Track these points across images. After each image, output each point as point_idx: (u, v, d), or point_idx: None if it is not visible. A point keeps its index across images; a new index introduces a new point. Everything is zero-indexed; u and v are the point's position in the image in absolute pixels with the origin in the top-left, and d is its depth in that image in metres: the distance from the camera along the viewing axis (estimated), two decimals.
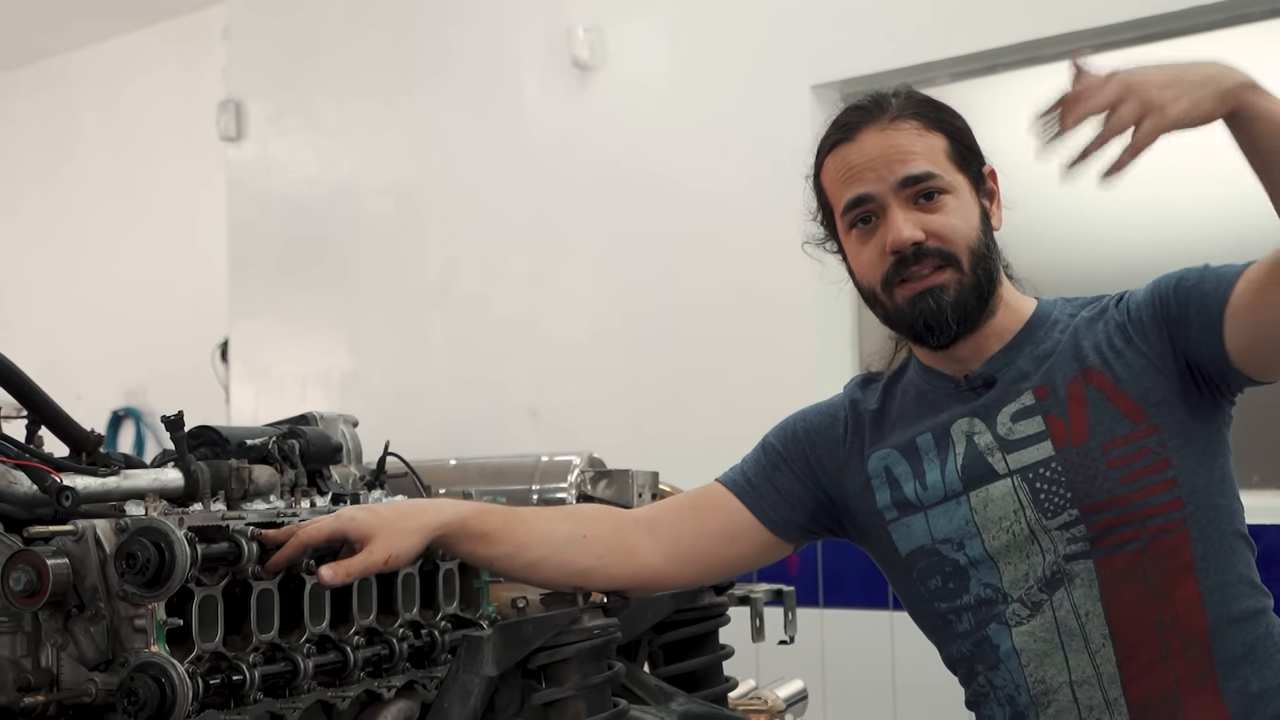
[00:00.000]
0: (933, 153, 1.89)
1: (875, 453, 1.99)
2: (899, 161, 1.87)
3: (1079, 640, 1.84)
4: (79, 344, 7.50)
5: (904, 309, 1.89)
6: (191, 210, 7.12)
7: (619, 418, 4.78)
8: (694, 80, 4.80)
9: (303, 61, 5.96)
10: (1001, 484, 1.88)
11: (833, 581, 4.31)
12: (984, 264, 1.89)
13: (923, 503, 1.93)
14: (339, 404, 5.37)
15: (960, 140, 1.92)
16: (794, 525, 2.04)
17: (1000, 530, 1.87)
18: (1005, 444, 1.88)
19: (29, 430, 1.86)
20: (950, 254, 1.87)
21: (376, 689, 1.83)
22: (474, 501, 2.00)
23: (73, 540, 1.57)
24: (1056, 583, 1.85)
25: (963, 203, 1.89)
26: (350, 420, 2.41)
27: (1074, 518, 1.83)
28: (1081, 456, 1.84)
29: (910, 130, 1.89)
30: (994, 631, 1.89)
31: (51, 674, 1.58)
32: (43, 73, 8.10)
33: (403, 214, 5.59)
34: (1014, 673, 1.89)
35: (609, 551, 1.95)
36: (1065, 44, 4.16)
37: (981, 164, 1.95)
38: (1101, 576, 1.83)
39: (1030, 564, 1.86)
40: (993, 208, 1.96)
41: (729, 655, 2.28)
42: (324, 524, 1.74)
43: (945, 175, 1.88)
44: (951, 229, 1.87)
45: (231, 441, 1.99)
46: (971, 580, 1.90)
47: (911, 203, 1.87)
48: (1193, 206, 4.06)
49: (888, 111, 1.90)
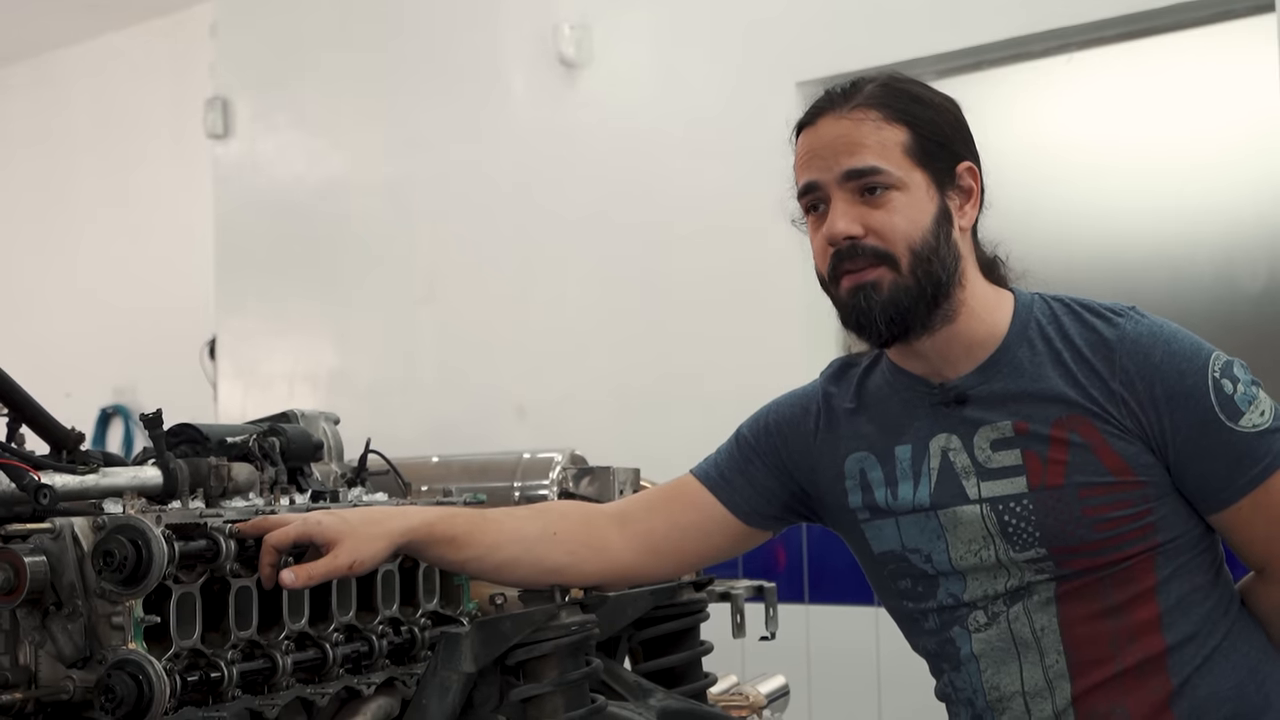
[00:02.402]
0: (886, 147, 1.83)
1: (852, 454, 1.98)
2: (846, 153, 1.83)
3: (1034, 652, 1.84)
4: (68, 341, 7.49)
5: (844, 301, 1.85)
6: (179, 207, 7.10)
7: (606, 415, 4.79)
8: (680, 77, 4.81)
9: (290, 59, 5.96)
10: (970, 509, 1.86)
11: (818, 577, 4.31)
12: (928, 266, 1.82)
13: (893, 509, 1.92)
14: (326, 401, 5.37)
15: (928, 134, 1.85)
16: (768, 516, 2.04)
17: (969, 552, 1.87)
18: (981, 470, 1.86)
19: (9, 428, 1.86)
20: (885, 253, 1.82)
21: (356, 686, 1.83)
22: (443, 506, 1.98)
23: (50, 538, 1.57)
24: (1016, 597, 1.85)
25: (912, 200, 1.83)
26: (332, 418, 2.41)
27: (1042, 555, 1.82)
28: (1055, 500, 1.80)
29: (868, 121, 1.84)
30: (957, 634, 1.90)
31: (29, 671, 1.58)
32: (30, 70, 8.08)
33: (390, 211, 5.59)
34: (973, 676, 1.89)
35: (580, 548, 1.95)
36: (1052, 40, 4.17)
37: (956, 160, 1.88)
38: (1059, 595, 1.83)
39: (994, 583, 1.86)
40: (964, 206, 1.88)
41: (708, 651, 2.28)
42: (291, 528, 1.73)
43: (895, 171, 1.82)
44: (891, 227, 1.81)
45: (212, 439, 1.99)
46: (939, 589, 1.91)
47: (857, 195, 1.83)
48: (1181, 199, 4.07)
49: (852, 100, 1.86)
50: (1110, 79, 4.17)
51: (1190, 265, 4.02)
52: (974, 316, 1.88)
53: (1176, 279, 4.04)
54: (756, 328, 4.53)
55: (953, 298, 1.86)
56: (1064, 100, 4.24)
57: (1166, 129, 4.12)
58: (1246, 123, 3.96)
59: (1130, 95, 4.16)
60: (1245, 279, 3.96)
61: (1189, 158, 4.07)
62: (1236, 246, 3.97)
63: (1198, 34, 4.01)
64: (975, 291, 1.89)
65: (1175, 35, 4.04)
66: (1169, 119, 4.11)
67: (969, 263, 1.90)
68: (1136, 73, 4.14)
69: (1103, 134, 4.20)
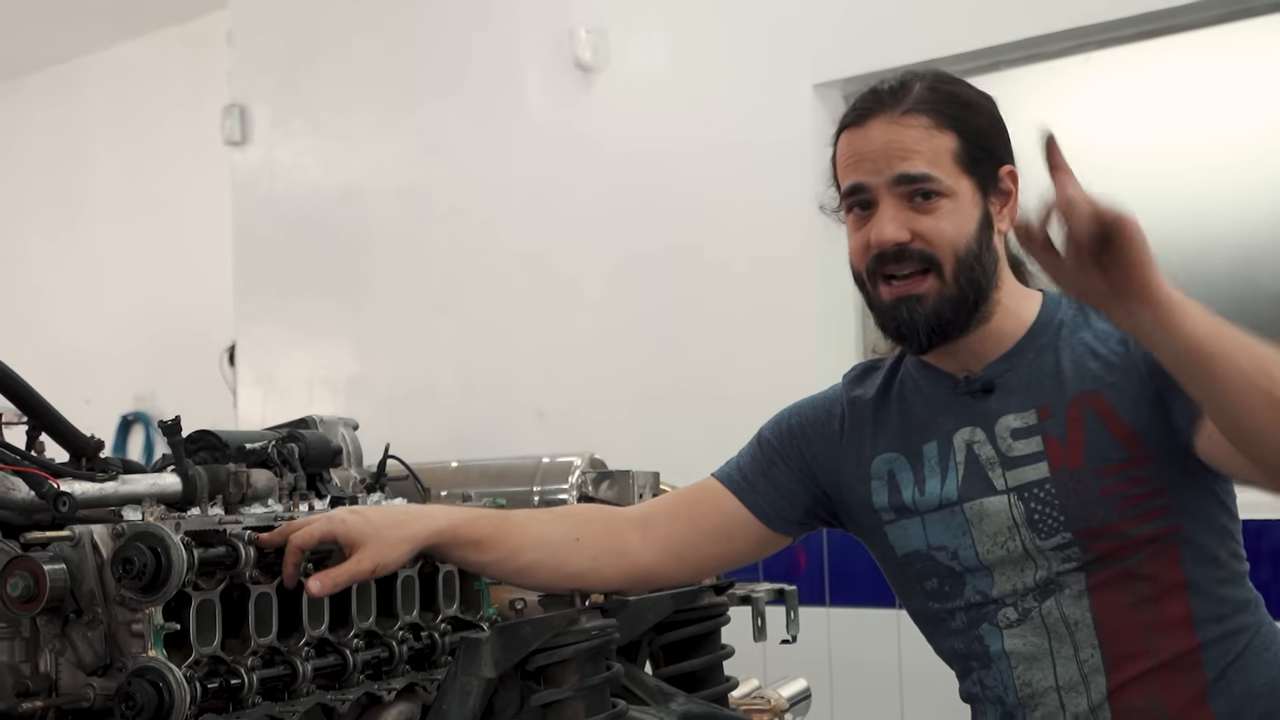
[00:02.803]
0: (937, 154, 1.84)
1: (880, 455, 1.98)
2: (899, 158, 1.84)
3: (1068, 647, 1.85)
4: (88, 348, 7.52)
5: (884, 307, 1.87)
6: (198, 214, 7.13)
7: (625, 418, 4.78)
8: (696, 80, 4.80)
9: (307, 66, 5.97)
10: (998, 500, 1.86)
11: (839, 580, 4.30)
12: (970, 273, 1.84)
13: (919, 508, 1.92)
14: (345, 407, 5.38)
15: (975, 140, 1.87)
16: (790, 520, 2.04)
17: (995, 545, 1.87)
18: (1005, 460, 1.87)
19: (29, 436, 1.86)
20: (933, 258, 1.83)
21: (376, 691, 1.83)
22: (467, 507, 1.99)
23: (70, 546, 1.57)
24: (1047, 591, 1.85)
25: (959, 207, 1.84)
26: (351, 423, 2.41)
27: (1067, 540, 1.83)
28: (1075, 480, 1.82)
29: (918, 127, 1.85)
30: (986, 632, 1.90)
31: (50, 679, 1.59)
32: (49, 78, 8.12)
33: (407, 216, 5.59)
34: (1003, 674, 1.89)
35: (603, 553, 1.95)
36: (1068, 40, 4.16)
37: (999, 165, 1.89)
38: (1091, 587, 1.83)
39: (1023, 577, 1.86)
40: (1004, 210, 1.90)
41: (729, 655, 2.28)
42: (315, 527, 1.73)
43: (945, 179, 1.83)
44: (939, 234, 1.83)
45: (231, 446, 2.00)
46: (966, 586, 1.91)
47: (906, 200, 1.84)
48: (1198, 198, 4.05)
49: (902, 103, 1.86)
50: (1127, 79, 4.16)
51: (1207, 264, 4.00)
52: (1006, 314, 1.91)
53: (1194, 278, 4.01)
54: (775, 330, 4.53)
55: (990, 300, 1.89)
56: (1080, 100, 4.22)
57: (1183, 128, 4.10)
58: (1264, 121, 3.94)
59: (1147, 95, 4.15)
60: (1264, 278, 3.94)
61: (1206, 157, 4.05)
62: (1254, 245, 3.95)
63: (1215, 33, 3.99)
64: (1008, 290, 1.92)
65: (1192, 34, 4.02)
66: (1186, 118, 4.09)
67: (1003, 264, 1.92)
68: (1153, 72, 4.13)
69: (1119, 134, 4.18)
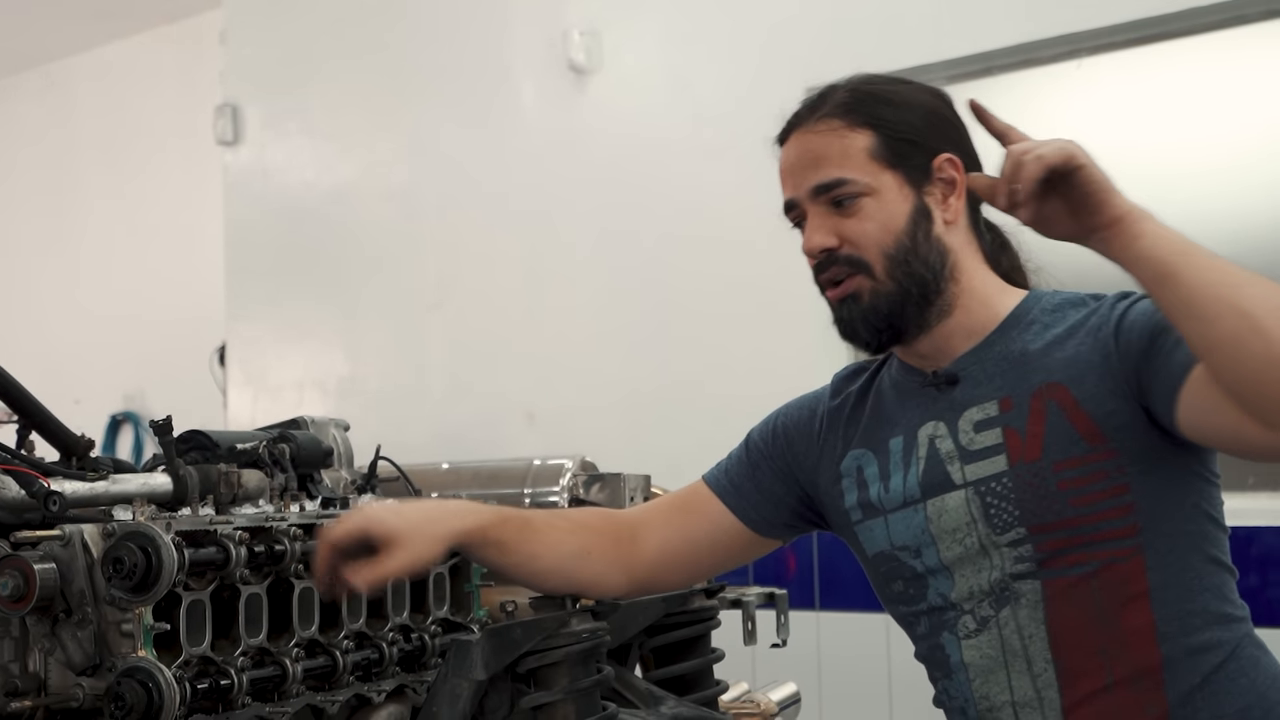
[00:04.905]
0: (849, 155, 1.82)
1: (851, 451, 1.96)
2: (811, 168, 1.83)
3: (1022, 661, 1.79)
4: (78, 348, 7.52)
5: (832, 311, 1.86)
6: (189, 214, 7.12)
7: (616, 420, 4.78)
8: (690, 82, 4.81)
9: (299, 66, 5.96)
10: (957, 495, 1.82)
11: (829, 584, 4.30)
12: (906, 267, 1.81)
13: (884, 507, 1.90)
14: (336, 407, 5.37)
15: (897, 134, 1.83)
16: (777, 523, 2.03)
17: (954, 541, 1.83)
18: (965, 453, 1.82)
19: (19, 435, 1.86)
20: (860, 260, 1.81)
21: (366, 693, 1.83)
22: (491, 506, 1.94)
23: (60, 545, 1.57)
24: (1004, 600, 1.80)
25: (884, 204, 1.81)
26: (342, 424, 2.40)
27: (1021, 536, 1.77)
28: (1032, 475, 1.76)
29: (829, 132, 1.83)
30: (946, 641, 1.86)
31: (39, 679, 1.58)
32: (40, 77, 8.11)
33: (400, 218, 5.59)
34: (963, 686, 1.85)
35: (608, 567, 1.96)
36: (1062, 45, 4.16)
37: (931, 155, 1.84)
38: (1047, 598, 1.77)
39: (979, 577, 1.82)
40: (949, 200, 1.84)
41: (720, 659, 2.28)
42: (350, 524, 1.72)
43: (861, 178, 1.81)
44: (863, 234, 1.81)
45: (222, 446, 1.99)
46: (929, 589, 1.87)
47: (828, 207, 1.83)
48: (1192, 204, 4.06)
49: (817, 112, 1.85)
50: (1120, 84, 4.16)
51: None
52: (972, 308, 1.86)
53: None
54: (767, 333, 4.53)
55: (946, 293, 1.84)
56: (1074, 106, 4.23)
57: (1177, 134, 4.11)
58: (1258, 128, 3.95)
59: (1140, 101, 4.16)
60: None
61: (1200, 163, 4.05)
62: (1249, 251, 3.95)
63: (1209, 39, 4.00)
64: (975, 284, 1.87)
65: (1186, 40, 4.03)
66: (1180, 124, 4.10)
67: (965, 255, 1.87)
68: (1147, 78, 4.14)
69: (1113, 140, 4.18)
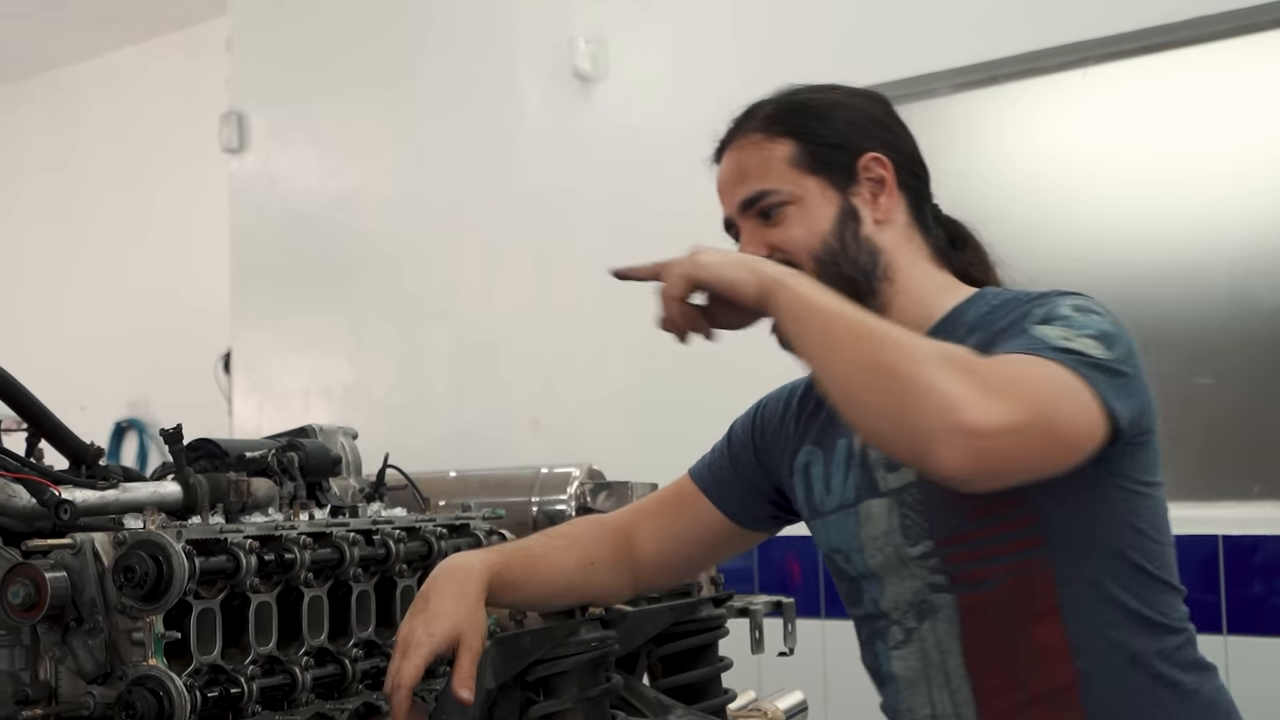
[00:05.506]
0: (769, 166, 1.85)
1: (804, 447, 1.95)
2: (736, 184, 1.88)
3: (941, 675, 1.78)
4: (83, 354, 7.52)
5: None
6: (195, 221, 7.13)
7: (621, 427, 4.78)
8: (695, 90, 4.80)
9: (305, 73, 5.97)
10: (881, 502, 1.80)
11: (834, 592, 4.29)
12: (836, 269, 1.81)
13: (824, 508, 1.89)
14: (341, 415, 5.37)
15: (819, 139, 1.84)
16: (759, 517, 2.04)
17: (876, 550, 1.82)
18: (888, 461, 1.79)
19: (29, 443, 1.86)
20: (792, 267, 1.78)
21: (375, 701, 1.83)
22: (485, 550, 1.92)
23: (71, 554, 1.57)
24: (923, 613, 1.79)
25: (808, 210, 1.83)
26: (350, 432, 2.41)
27: (930, 549, 1.76)
28: (937, 487, 1.66)
29: (752, 146, 1.87)
30: (880, 651, 1.86)
31: (50, 687, 1.58)
32: (47, 84, 8.12)
33: (405, 225, 5.59)
34: (894, 698, 1.85)
35: (614, 574, 1.98)
36: (1068, 54, 4.16)
37: (856, 155, 1.84)
38: (961, 612, 1.75)
39: (902, 588, 1.80)
40: (879, 198, 1.84)
41: (728, 667, 2.28)
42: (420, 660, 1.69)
43: (784, 186, 1.84)
44: (791, 241, 1.83)
45: (230, 454, 1.99)
46: (864, 594, 1.87)
47: (758, 220, 1.86)
48: (1197, 213, 4.06)
49: (742, 128, 1.89)
50: (1126, 93, 4.16)
51: (1207, 280, 4.01)
52: (908, 308, 1.83)
53: (1193, 294, 4.02)
54: (772, 339, 4.51)
55: (880, 294, 1.83)
56: (1080, 114, 4.23)
57: (1183, 143, 4.10)
58: (1264, 137, 3.95)
59: (1147, 109, 4.15)
60: (1262, 293, 3.95)
61: (1206, 172, 4.05)
62: (1254, 261, 3.96)
63: (1215, 48, 4.00)
64: (913, 283, 1.85)
65: (1193, 49, 4.03)
66: (1186, 133, 4.09)
67: (902, 254, 1.85)
68: (1153, 87, 4.13)
69: (1119, 148, 4.19)
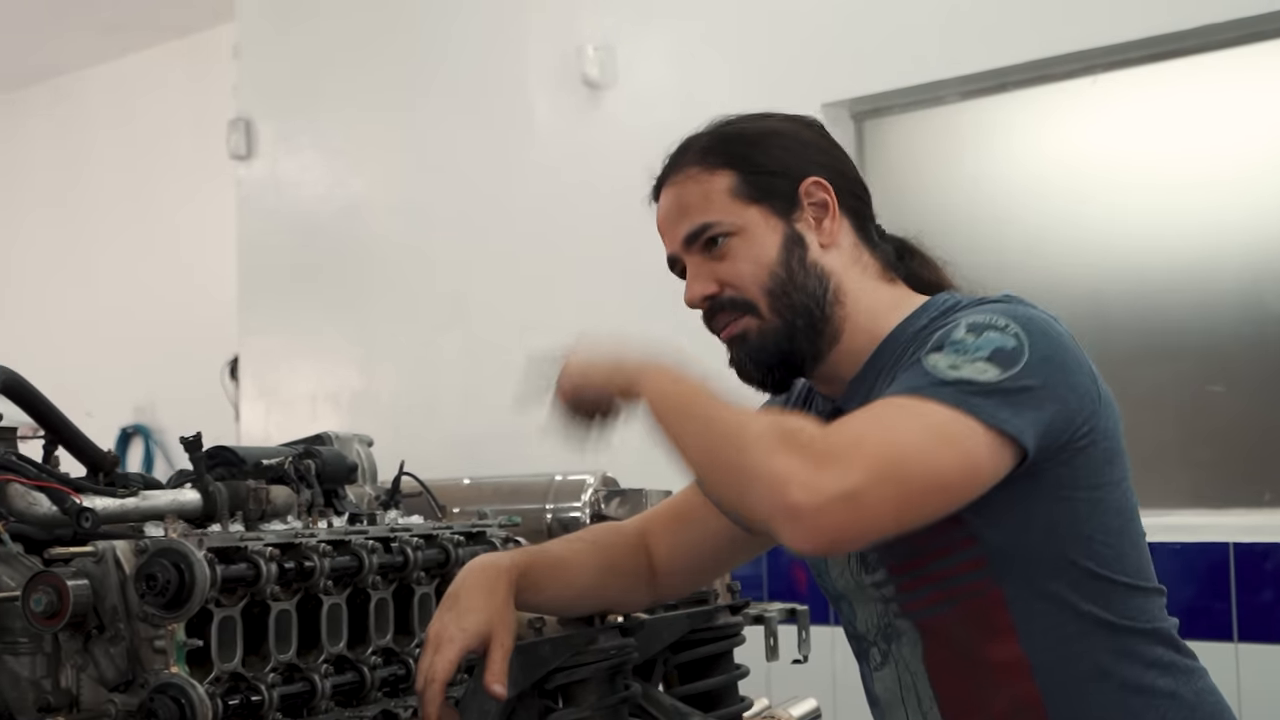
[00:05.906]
0: (710, 199, 1.80)
1: None
2: (678, 219, 1.83)
3: (914, 697, 1.77)
4: (89, 360, 7.52)
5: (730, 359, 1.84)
6: (202, 227, 7.14)
7: (633, 431, 4.77)
8: (703, 98, 4.79)
9: (313, 80, 5.98)
10: None
11: None
12: (787, 299, 1.77)
13: None
14: (349, 422, 5.38)
15: (757, 169, 1.80)
16: None
17: (839, 574, 1.82)
18: None
19: (46, 450, 1.87)
20: (744, 301, 1.78)
21: (394, 709, 1.83)
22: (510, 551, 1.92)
23: (93, 561, 1.57)
24: (890, 637, 1.78)
25: (752, 241, 1.78)
26: (365, 440, 2.41)
27: (884, 577, 1.75)
28: None
29: (690, 180, 1.82)
30: (864, 671, 1.86)
31: (71, 694, 1.58)
32: (54, 90, 8.14)
33: (413, 232, 5.60)
34: (880, 718, 1.86)
35: (634, 580, 1.97)
36: (1076, 62, 4.17)
37: (797, 181, 1.80)
38: (923, 635, 1.74)
39: (869, 611, 1.80)
40: (823, 222, 1.80)
41: (744, 675, 2.28)
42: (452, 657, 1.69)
43: (726, 218, 1.78)
44: (738, 275, 1.78)
45: (248, 462, 1.99)
46: (844, 615, 1.87)
47: (702, 254, 1.81)
48: (1206, 220, 4.06)
49: (679, 163, 1.85)
50: (1135, 101, 4.17)
51: (1217, 287, 4.01)
52: (859, 329, 1.80)
53: (1203, 300, 4.03)
54: None
55: (833, 318, 1.79)
56: (1088, 121, 4.24)
57: (1191, 150, 4.11)
58: (1271, 144, 3.96)
59: (1155, 117, 4.16)
60: (1271, 299, 3.95)
61: (1214, 179, 4.06)
62: (1263, 267, 3.96)
63: (1223, 56, 4.01)
64: (863, 303, 1.80)
65: (1200, 57, 4.04)
66: (1193, 140, 4.10)
67: (850, 275, 1.81)
68: (1161, 95, 4.14)
69: (1127, 156, 4.19)
